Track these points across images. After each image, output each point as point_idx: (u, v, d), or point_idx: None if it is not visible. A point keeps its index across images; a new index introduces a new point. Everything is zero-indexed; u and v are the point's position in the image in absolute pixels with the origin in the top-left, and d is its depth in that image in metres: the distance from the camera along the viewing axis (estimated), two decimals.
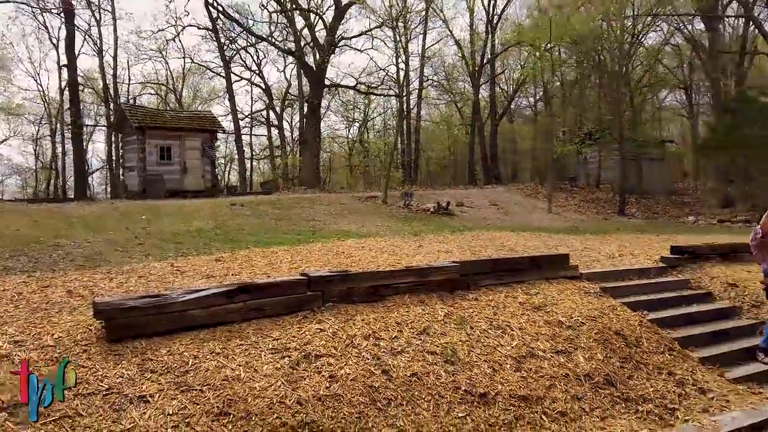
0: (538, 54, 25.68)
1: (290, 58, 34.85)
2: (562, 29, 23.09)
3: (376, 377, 4.52)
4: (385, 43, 40.40)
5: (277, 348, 4.61)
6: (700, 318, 7.07)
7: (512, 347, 5.34)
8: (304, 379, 4.32)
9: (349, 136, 42.30)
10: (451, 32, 36.28)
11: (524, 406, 4.68)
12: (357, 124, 41.06)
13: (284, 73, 56.10)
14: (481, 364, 4.99)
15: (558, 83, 32.04)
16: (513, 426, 4.47)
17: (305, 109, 31.84)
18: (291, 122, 43.58)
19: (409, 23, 30.98)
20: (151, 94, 40.46)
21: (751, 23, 28.29)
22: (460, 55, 35.99)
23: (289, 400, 4.07)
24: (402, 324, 5.29)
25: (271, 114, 39.89)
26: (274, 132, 40.43)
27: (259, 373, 4.28)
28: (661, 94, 38.38)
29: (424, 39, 34.59)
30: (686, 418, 5.00)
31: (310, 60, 30.22)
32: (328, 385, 4.31)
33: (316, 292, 5.39)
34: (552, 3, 28.24)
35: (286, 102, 39.62)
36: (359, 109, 39.96)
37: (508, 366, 5.07)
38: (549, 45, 24.62)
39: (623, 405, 5.04)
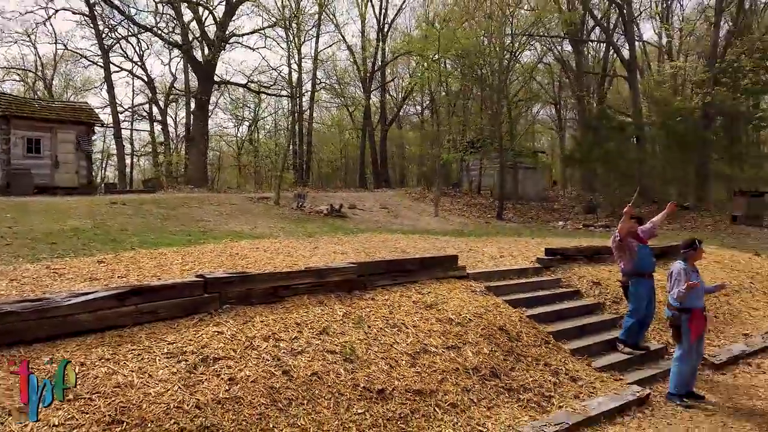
0: (426, 64, 26.77)
1: (176, 51, 33.22)
2: (448, 42, 24.25)
3: (277, 378, 4.54)
4: (278, 44, 39.84)
5: (173, 352, 4.47)
6: (570, 313, 7.81)
7: (407, 344, 5.58)
8: (203, 382, 4.23)
9: (239, 134, 41.19)
10: (343, 37, 36.75)
11: (419, 400, 4.93)
12: (247, 123, 40.06)
13: (169, 66, 53.42)
14: (379, 362, 5.18)
15: (444, 93, 33.51)
16: (409, 419, 4.70)
17: (192, 104, 30.51)
18: (176, 118, 41.54)
19: (303, 25, 30.83)
20: (16, 80, 36.71)
21: (611, 48, 31.57)
22: (351, 60, 36.51)
23: (187, 405, 3.97)
24: (302, 324, 5.34)
25: (154, 108, 37.74)
26: (157, 127, 38.30)
27: (154, 378, 4.13)
28: (535, 108, 41.73)
29: (317, 42, 34.65)
30: (561, 404, 5.54)
31: (198, 54, 29.02)
32: (227, 387, 4.26)
33: (213, 293, 5.27)
34: (439, 16, 29.57)
35: (171, 97, 37.67)
36: (249, 108, 39.06)
37: (404, 362, 5.31)
38: (436, 56, 25.72)
39: (507, 395, 5.47)
